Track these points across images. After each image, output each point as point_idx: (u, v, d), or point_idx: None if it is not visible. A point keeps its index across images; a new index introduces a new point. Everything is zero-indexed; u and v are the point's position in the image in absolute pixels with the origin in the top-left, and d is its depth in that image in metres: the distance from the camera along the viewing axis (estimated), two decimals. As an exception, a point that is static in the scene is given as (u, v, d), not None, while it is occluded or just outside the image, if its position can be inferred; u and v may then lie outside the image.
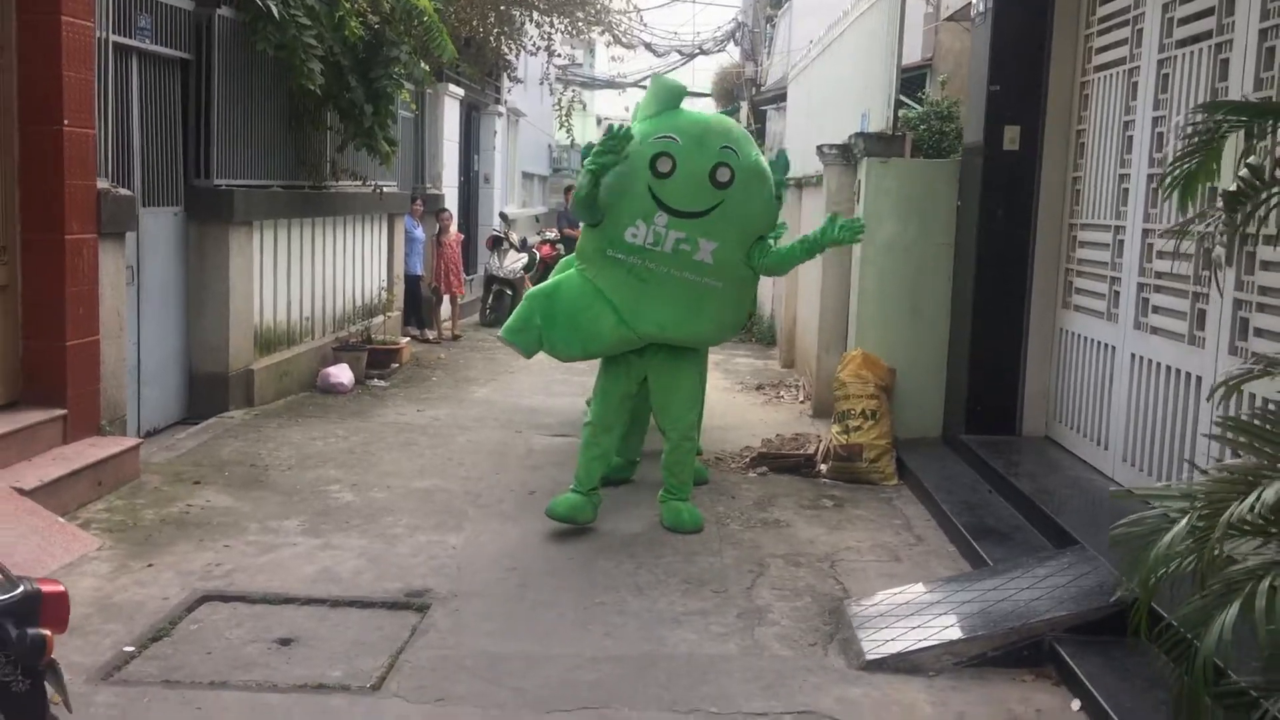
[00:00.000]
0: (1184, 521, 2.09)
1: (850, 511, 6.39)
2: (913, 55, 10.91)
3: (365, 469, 6.92)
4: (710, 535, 5.81)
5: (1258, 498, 1.94)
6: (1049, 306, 6.92)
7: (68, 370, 6.15)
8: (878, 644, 4.34)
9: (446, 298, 13.40)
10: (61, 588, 2.70)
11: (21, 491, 5.33)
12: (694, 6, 22.72)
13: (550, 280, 6.18)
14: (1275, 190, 2.63)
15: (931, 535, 5.95)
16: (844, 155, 8.60)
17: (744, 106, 18.12)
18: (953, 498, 6.17)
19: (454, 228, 13.71)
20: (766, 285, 14.21)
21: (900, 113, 8.47)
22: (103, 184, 6.51)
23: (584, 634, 4.49)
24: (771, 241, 5.96)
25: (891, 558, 5.58)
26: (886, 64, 8.35)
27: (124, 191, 6.82)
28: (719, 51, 21.90)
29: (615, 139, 5.58)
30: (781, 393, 10.05)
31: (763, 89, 16.99)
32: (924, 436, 7.55)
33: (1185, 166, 2.62)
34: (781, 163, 6.24)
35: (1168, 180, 2.63)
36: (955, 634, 4.31)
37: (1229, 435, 2.23)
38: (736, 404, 9.54)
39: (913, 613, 4.58)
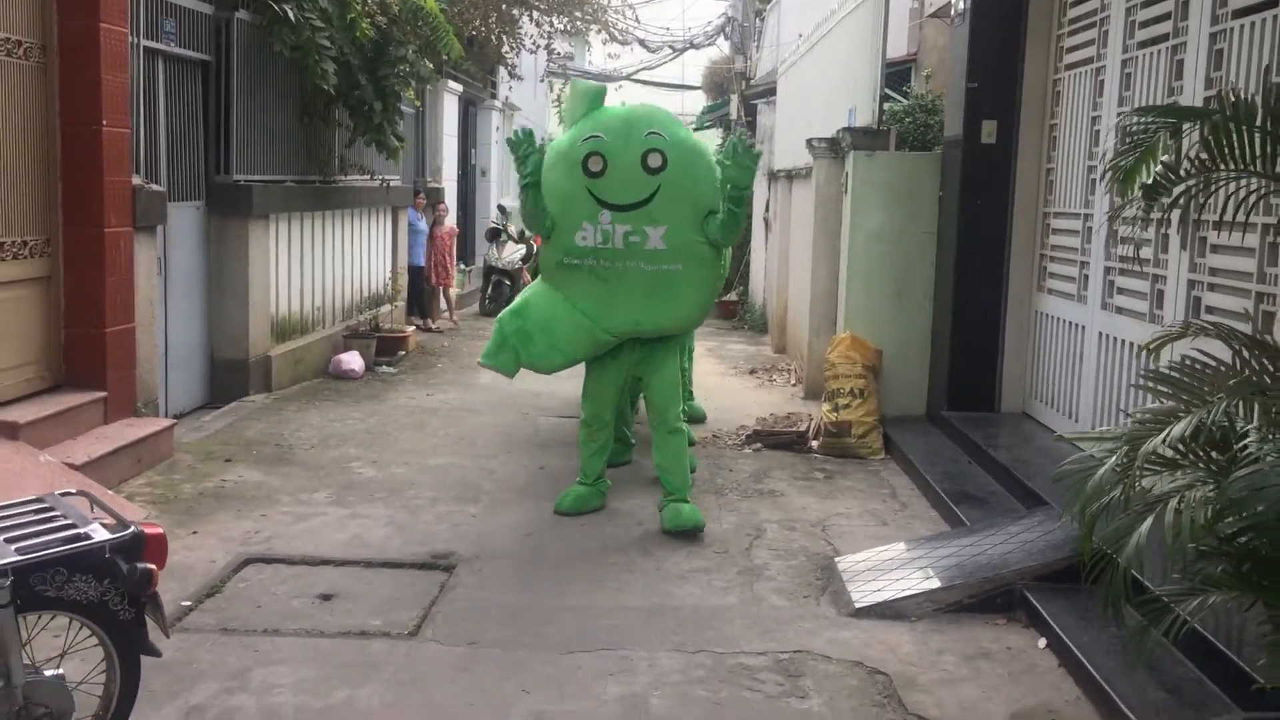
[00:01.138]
0: (1112, 459, 2.53)
1: (840, 482, 6.84)
2: (898, 50, 11.32)
3: (383, 448, 7.34)
4: (711, 504, 6.22)
5: (1168, 433, 2.38)
6: (1025, 290, 7.36)
7: (107, 355, 6.56)
8: (865, 594, 4.78)
9: (441, 288, 13.76)
10: (160, 530, 3.12)
11: (72, 466, 5.74)
12: (684, 1, 23.01)
13: (518, 298, 6.26)
14: (1210, 180, 3.06)
15: (915, 502, 6.41)
16: (832, 148, 9.02)
17: (734, 99, 18.49)
18: (935, 468, 6.62)
19: (449, 220, 14.00)
20: (758, 276, 14.65)
21: (886, 106, 8.89)
22: (136, 180, 6.90)
23: (597, 589, 4.93)
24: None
25: (878, 522, 6.03)
26: (872, 61, 8.76)
27: (155, 187, 7.23)
28: (709, 45, 22.25)
29: (519, 143, 5.68)
30: (774, 376, 10.48)
31: (752, 82, 17.34)
32: (909, 413, 8.00)
33: (1124, 162, 3.05)
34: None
35: (1108, 175, 3.06)
36: (935, 584, 4.77)
37: (1152, 385, 2.67)
38: (731, 387, 9.98)
39: (897, 567, 5.03)
